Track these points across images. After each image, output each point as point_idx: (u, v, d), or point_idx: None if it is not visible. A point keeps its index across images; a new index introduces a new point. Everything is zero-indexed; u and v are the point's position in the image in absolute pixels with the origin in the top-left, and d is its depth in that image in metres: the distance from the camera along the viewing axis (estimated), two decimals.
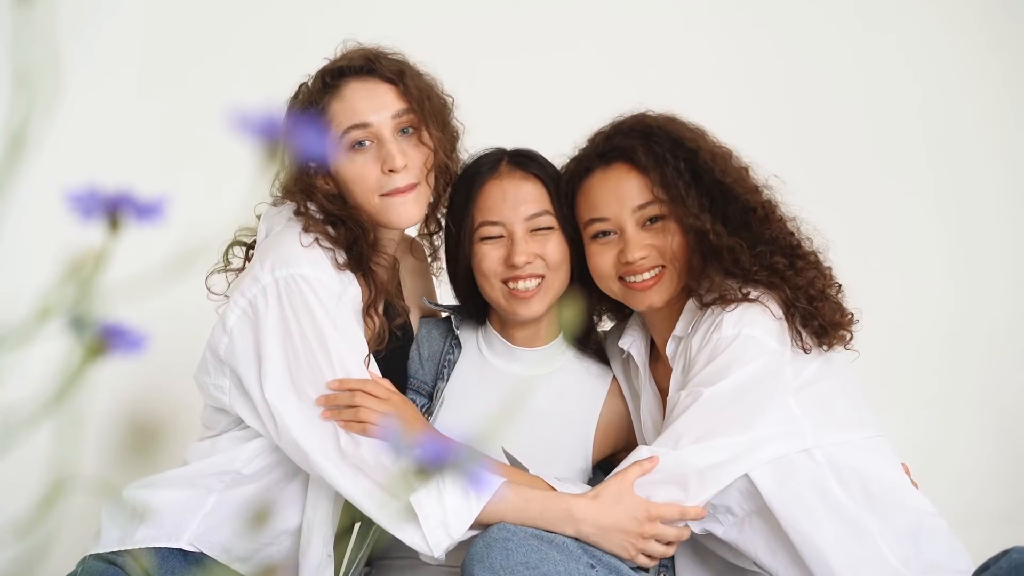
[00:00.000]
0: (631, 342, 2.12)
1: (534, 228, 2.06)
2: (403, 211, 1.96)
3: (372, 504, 1.83)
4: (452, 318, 2.19)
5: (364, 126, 1.94)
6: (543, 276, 2.05)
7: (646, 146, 1.98)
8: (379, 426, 1.82)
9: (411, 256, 2.21)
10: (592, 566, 1.82)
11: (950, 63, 3.75)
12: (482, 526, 1.82)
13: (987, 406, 3.63)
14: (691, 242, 1.96)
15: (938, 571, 1.85)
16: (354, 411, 1.84)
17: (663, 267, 1.98)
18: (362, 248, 1.94)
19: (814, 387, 1.90)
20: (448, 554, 1.84)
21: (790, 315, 1.91)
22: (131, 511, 1.95)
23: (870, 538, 1.85)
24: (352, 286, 1.93)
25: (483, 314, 2.18)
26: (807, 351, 1.90)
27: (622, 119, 2.06)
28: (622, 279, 2.00)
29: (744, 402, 1.85)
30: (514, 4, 3.63)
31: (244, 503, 1.94)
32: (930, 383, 3.64)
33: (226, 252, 2.01)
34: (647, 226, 1.99)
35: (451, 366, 2.16)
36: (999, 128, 3.75)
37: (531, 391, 2.15)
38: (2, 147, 0.68)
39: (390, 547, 2.08)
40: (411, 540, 1.81)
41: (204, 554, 1.92)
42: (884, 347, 3.15)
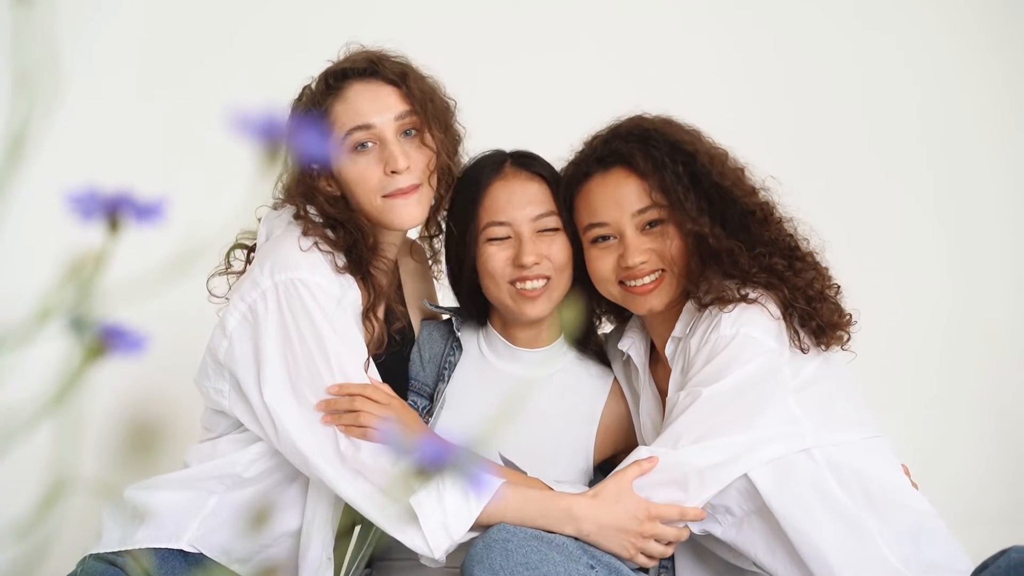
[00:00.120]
0: (630, 344, 2.12)
1: (540, 229, 2.06)
2: (405, 212, 1.95)
3: (372, 507, 1.83)
4: (453, 320, 2.19)
5: (367, 128, 1.94)
6: (549, 277, 2.05)
7: (644, 150, 1.98)
8: (379, 430, 1.82)
9: (412, 258, 2.21)
10: (592, 567, 1.82)
11: (950, 63, 3.75)
12: (482, 527, 1.82)
13: (987, 406, 3.62)
14: (690, 245, 1.96)
15: (938, 571, 1.85)
16: (354, 416, 1.84)
17: (663, 271, 1.98)
18: (362, 251, 1.93)
19: (814, 387, 1.90)
20: (448, 555, 1.84)
21: (788, 315, 1.91)
22: (132, 512, 1.95)
23: (870, 538, 1.85)
24: (351, 290, 1.92)
25: (484, 315, 2.18)
26: (805, 351, 1.90)
27: (619, 122, 2.06)
28: (622, 283, 2.00)
29: (743, 402, 1.85)
30: (514, 5, 3.62)
31: (244, 505, 1.94)
32: (930, 383, 3.64)
33: (227, 255, 2.01)
34: (646, 230, 1.99)
35: (452, 368, 2.15)
36: (999, 128, 3.75)
37: (532, 392, 2.15)
38: (2, 148, 0.68)
39: (390, 548, 2.08)
40: (411, 542, 1.81)
41: (204, 555, 1.92)
42: (883, 347, 3.16)
